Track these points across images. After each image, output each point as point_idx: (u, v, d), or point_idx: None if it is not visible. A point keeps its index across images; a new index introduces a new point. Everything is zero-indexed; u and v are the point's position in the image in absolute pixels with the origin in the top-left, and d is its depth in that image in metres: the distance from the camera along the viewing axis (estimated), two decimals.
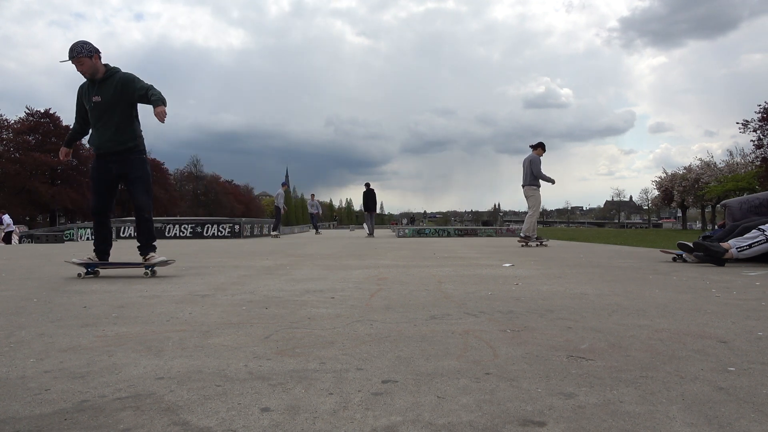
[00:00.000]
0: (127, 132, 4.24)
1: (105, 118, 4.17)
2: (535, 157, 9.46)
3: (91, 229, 17.93)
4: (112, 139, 4.20)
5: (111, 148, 4.22)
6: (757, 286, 3.42)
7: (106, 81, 4.15)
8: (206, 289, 3.32)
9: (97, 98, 4.14)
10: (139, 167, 4.31)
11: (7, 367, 1.55)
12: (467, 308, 2.55)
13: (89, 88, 4.20)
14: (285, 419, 1.13)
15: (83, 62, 4.05)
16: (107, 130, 4.18)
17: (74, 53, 4.03)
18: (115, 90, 4.14)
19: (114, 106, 4.15)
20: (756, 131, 32.98)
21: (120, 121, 4.19)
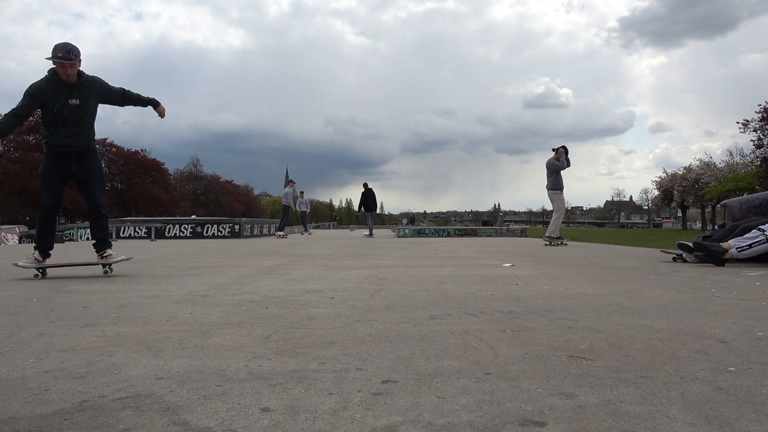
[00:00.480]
0: (92, 133, 4.38)
1: (79, 120, 4.21)
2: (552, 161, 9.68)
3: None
4: (83, 139, 4.28)
5: (79, 148, 4.28)
6: (757, 286, 3.42)
7: (82, 85, 4.18)
8: (206, 289, 3.32)
9: (75, 101, 4.15)
10: (97, 165, 4.45)
11: (7, 367, 1.55)
12: (467, 308, 2.55)
13: (59, 91, 4.09)
14: (285, 419, 1.13)
15: (75, 66, 4.08)
16: (79, 130, 4.24)
17: (73, 56, 4.02)
18: (92, 93, 4.24)
19: (88, 109, 4.25)
20: (756, 131, 32.97)
21: (90, 122, 4.31)
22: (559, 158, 9.57)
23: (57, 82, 4.09)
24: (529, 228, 23.23)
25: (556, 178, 9.60)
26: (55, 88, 4.11)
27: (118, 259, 4.38)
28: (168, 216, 46.41)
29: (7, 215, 41.72)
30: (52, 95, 4.11)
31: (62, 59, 3.96)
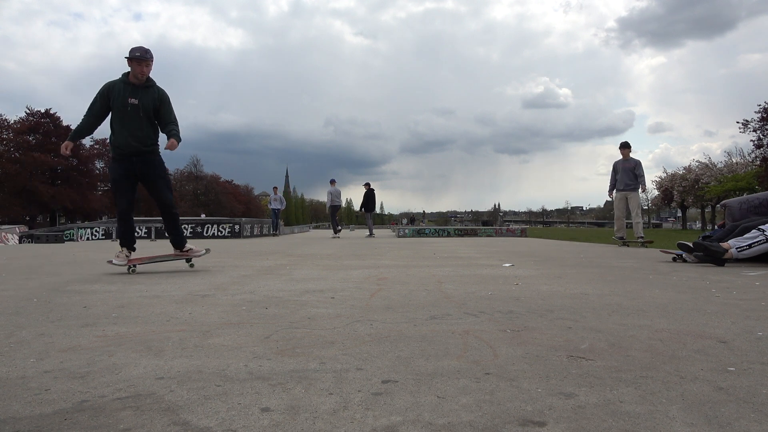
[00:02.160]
0: (153, 136, 4.53)
1: (137, 121, 4.38)
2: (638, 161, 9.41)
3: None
4: (142, 141, 4.44)
5: (138, 149, 4.43)
6: (757, 286, 3.42)
7: (148, 89, 4.42)
8: (206, 289, 3.32)
9: (134, 101, 4.34)
10: (159, 167, 4.59)
11: (7, 367, 1.55)
12: (467, 308, 2.55)
13: (125, 89, 4.35)
14: (285, 419, 1.13)
15: (149, 65, 4.37)
16: (138, 132, 4.40)
17: (149, 55, 4.34)
18: (154, 100, 4.44)
19: (148, 113, 4.42)
20: (756, 131, 32.97)
21: (149, 126, 4.47)
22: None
23: (125, 81, 4.37)
24: (529, 228, 23.22)
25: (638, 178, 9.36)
26: (122, 87, 4.37)
27: (200, 254, 4.71)
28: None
29: (7, 215, 41.70)
30: (117, 94, 4.36)
31: (140, 57, 4.27)
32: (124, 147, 4.42)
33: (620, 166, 9.42)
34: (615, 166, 9.55)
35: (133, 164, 4.46)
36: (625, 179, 9.32)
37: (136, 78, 4.35)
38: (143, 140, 4.44)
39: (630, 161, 9.39)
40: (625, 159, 9.42)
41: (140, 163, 4.47)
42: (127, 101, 4.33)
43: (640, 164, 9.39)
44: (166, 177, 4.66)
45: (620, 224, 9.61)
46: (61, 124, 48.79)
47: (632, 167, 9.33)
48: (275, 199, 19.31)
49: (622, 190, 9.37)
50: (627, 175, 9.32)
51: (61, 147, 4.54)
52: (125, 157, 4.45)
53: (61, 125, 48.70)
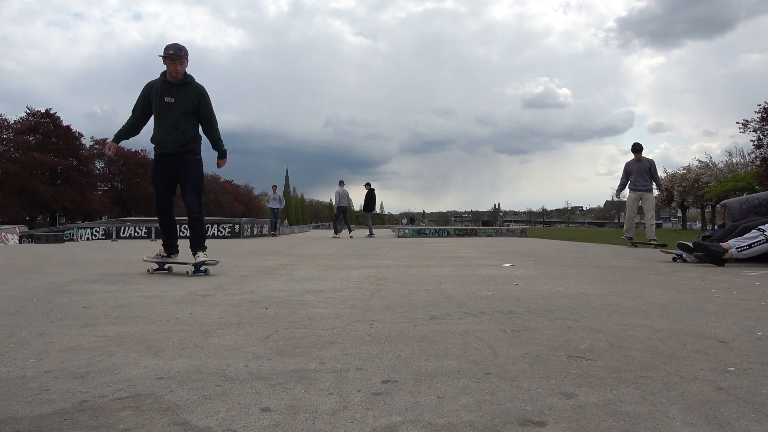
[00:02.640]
0: (190, 136, 4.38)
1: (173, 120, 4.29)
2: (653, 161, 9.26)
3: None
4: (175, 140, 4.33)
5: (172, 149, 4.34)
6: (757, 286, 3.42)
7: (184, 86, 4.31)
8: (206, 289, 3.32)
9: (170, 99, 4.27)
10: (191, 169, 4.41)
11: (7, 367, 1.55)
12: (467, 308, 2.55)
13: (162, 88, 4.29)
14: (285, 419, 1.13)
15: (183, 63, 4.25)
16: (173, 131, 4.31)
17: (182, 53, 4.22)
18: (191, 98, 4.31)
19: (185, 111, 4.31)
20: (756, 131, 32.97)
21: (186, 125, 4.34)
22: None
23: (163, 80, 4.31)
24: (529, 228, 23.23)
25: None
26: (160, 86, 4.31)
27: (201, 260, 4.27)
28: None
29: (7, 215, 41.69)
30: (155, 92, 4.31)
31: (173, 55, 4.16)
32: (160, 146, 4.37)
33: (634, 167, 9.19)
34: (627, 167, 9.29)
35: (167, 164, 4.38)
36: (640, 180, 9.09)
37: (171, 76, 4.27)
38: (177, 140, 4.33)
39: (644, 161, 9.16)
40: (638, 159, 9.21)
41: (174, 163, 4.38)
42: (164, 100, 4.27)
43: (655, 165, 9.19)
44: (197, 180, 4.46)
45: (630, 224, 9.33)
46: (61, 124, 48.78)
47: (647, 168, 9.10)
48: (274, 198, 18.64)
49: (637, 190, 9.13)
50: (642, 175, 9.09)
51: (105, 148, 4.46)
52: (161, 156, 4.39)
53: (61, 125, 48.69)
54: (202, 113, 4.39)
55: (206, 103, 4.40)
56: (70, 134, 49.35)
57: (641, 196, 9.12)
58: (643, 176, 9.09)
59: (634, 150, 9.26)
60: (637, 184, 9.12)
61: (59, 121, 48.87)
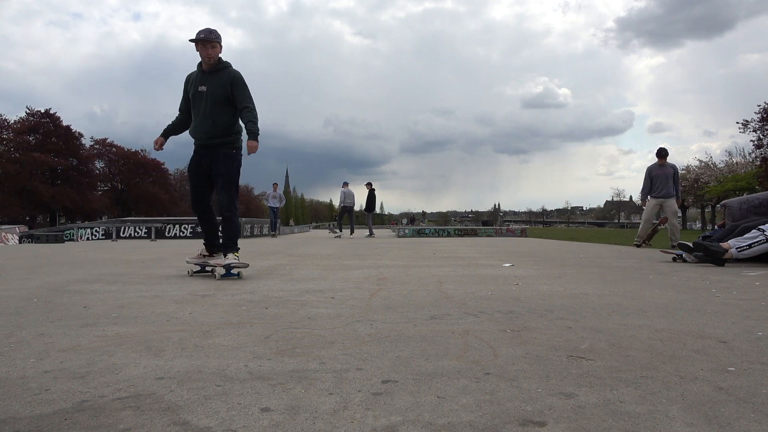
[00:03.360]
0: (223, 127, 4.07)
1: (206, 110, 4.04)
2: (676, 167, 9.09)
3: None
4: (208, 132, 4.06)
5: (205, 141, 4.10)
6: (757, 286, 3.42)
7: (217, 73, 4.05)
8: (206, 289, 3.32)
9: (203, 88, 4.04)
10: (223, 163, 4.10)
11: (7, 367, 1.55)
12: (467, 308, 2.55)
13: (197, 78, 4.10)
14: (285, 419, 1.13)
15: (216, 47, 3.98)
16: (206, 122, 4.05)
17: (214, 36, 3.96)
18: (224, 84, 4.02)
19: (217, 100, 4.02)
20: (756, 131, 32.99)
21: (218, 115, 4.04)
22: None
23: (199, 69, 4.10)
24: (529, 228, 23.23)
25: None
26: (196, 76, 4.12)
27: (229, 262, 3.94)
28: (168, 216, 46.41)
29: (7, 215, 41.70)
30: (191, 83, 4.13)
31: (203, 39, 3.92)
32: (194, 138, 4.16)
33: (657, 172, 8.98)
34: (650, 171, 9.10)
35: (202, 157, 4.14)
36: (663, 186, 8.90)
37: (205, 62, 4.02)
38: (210, 131, 4.04)
39: (667, 167, 8.90)
40: (662, 164, 9.01)
41: (207, 156, 4.11)
42: (197, 89, 4.05)
43: (678, 172, 9.03)
44: (229, 176, 4.11)
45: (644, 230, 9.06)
46: (61, 124, 48.80)
47: (671, 173, 8.92)
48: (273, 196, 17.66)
49: (658, 197, 8.93)
50: (665, 181, 8.90)
51: (154, 144, 4.28)
52: (196, 149, 4.18)
53: (61, 125, 48.71)
54: (236, 98, 4.02)
55: (240, 86, 4.03)
56: (70, 134, 49.38)
57: (662, 204, 8.92)
58: (667, 182, 8.89)
59: (659, 155, 9.06)
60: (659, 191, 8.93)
61: (59, 121, 48.89)
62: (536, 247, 9.52)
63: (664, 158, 9.02)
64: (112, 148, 57.02)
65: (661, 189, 8.91)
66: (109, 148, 56.80)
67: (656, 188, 8.98)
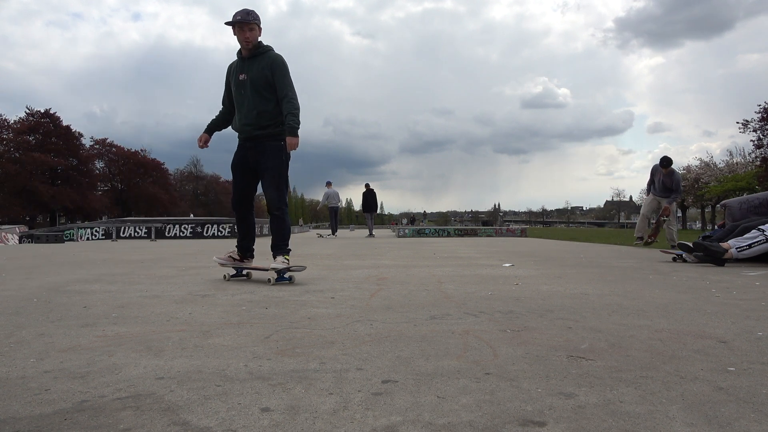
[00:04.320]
0: (269, 116, 3.73)
1: (249, 100, 3.72)
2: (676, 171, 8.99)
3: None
4: (253, 123, 3.74)
5: (249, 132, 3.77)
6: (757, 286, 3.42)
7: (257, 58, 3.72)
8: (206, 289, 3.32)
9: (243, 76, 3.74)
10: (271, 156, 3.76)
11: (7, 367, 1.55)
12: (467, 308, 2.55)
13: (237, 65, 3.80)
14: (285, 419, 1.13)
15: (254, 29, 3.67)
16: (250, 113, 3.73)
17: (251, 17, 3.64)
18: (263, 70, 3.69)
19: (259, 88, 3.70)
20: (756, 131, 33.00)
21: (263, 103, 3.71)
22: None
23: (239, 56, 3.80)
24: (529, 228, 23.24)
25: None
26: (236, 64, 3.82)
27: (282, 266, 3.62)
28: (168, 216, 46.42)
29: (7, 215, 41.70)
30: (232, 72, 3.84)
31: (240, 21, 3.61)
32: (239, 131, 3.85)
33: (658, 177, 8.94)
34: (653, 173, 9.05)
35: (247, 150, 3.81)
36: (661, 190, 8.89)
37: (243, 47, 3.72)
38: (254, 121, 3.71)
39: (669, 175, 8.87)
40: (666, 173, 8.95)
41: (253, 150, 3.78)
42: (238, 78, 3.74)
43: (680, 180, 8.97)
44: (278, 169, 3.77)
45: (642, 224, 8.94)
46: (61, 124, 48.83)
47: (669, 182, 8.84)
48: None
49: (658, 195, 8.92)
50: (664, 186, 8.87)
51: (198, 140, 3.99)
52: (241, 142, 3.87)
53: (61, 125, 48.74)
54: (277, 86, 3.69)
55: (281, 72, 3.69)
56: (70, 134, 49.41)
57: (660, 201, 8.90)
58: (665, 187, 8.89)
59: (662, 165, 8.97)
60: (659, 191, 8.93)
61: (59, 121, 48.91)
62: (536, 247, 9.52)
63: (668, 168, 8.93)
64: (112, 148, 57.07)
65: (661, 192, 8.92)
66: (109, 148, 56.85)
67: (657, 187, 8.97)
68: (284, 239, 3.80)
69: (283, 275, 3.64)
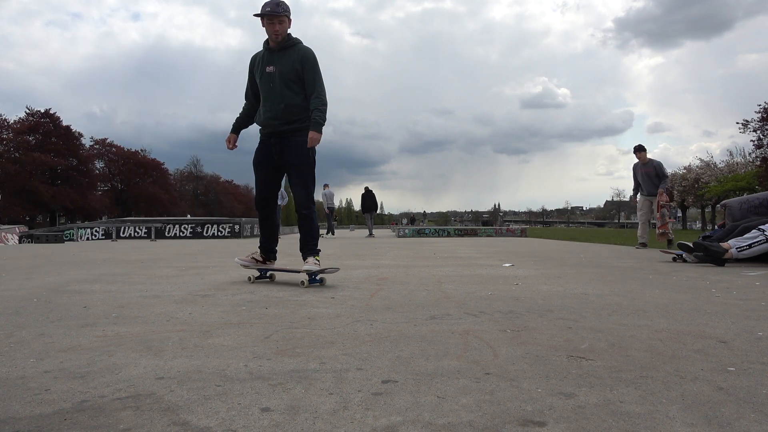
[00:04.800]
0: (297, 111, 3.59)
1: (276, 93, 3.57)
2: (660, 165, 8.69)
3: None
4: (280, 117, 3.58)
5: (276, 127, 3.61)
6: (757, 286, 3.42)
7: (286, 50, 3.57)
8: (206, 289, 3.32)
9: (271, 68, 3.57)
10: (298, 153, 3.61)
11: (7, 367, 1.55)
12: (467, 308, 2.55)
13: (263, 57, 3.64)
14: (285, 419, 1.12)
15: (284, 21, 3.51)
16: (276, 106, 3.57)
17: (281, 9, 3.47)
18: (293, 63, 3.55)
19: (288, 81, 3.56)
20: (756, 131, 33.00)
21: (292, 97, 3.57)
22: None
23: (266, 48, 3.64)
24: (529, 228, 23.24)
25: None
26: (262, 55, 3.66)
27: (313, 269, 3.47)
28: (168, 216, 46.42)
29: (7, 215, 41.69)
30: (257, 64, 3.67)
31: (270, 13, 3.44)
32: (263, 125, 3.68)
33: (640, 171, 8.74)
34: (635, 170, 8.84)
35: (271, 146, 3.65)
36: (647, 186, 8.65)
37: (272, 40, 3.56)
38: (282, 116, 3.56)
39: (649, 165, 8.66)
40: (644, 163, 8.70)
41: (279, 146, 3.62)
42: (265, 71, 3.58)
43: (661, 166, 8.68)
44: (306, 166, 3.63)
45: (644, 230, 8.71)
46: (61, 124, 48.83)
47: (653, 173, 8.62)
48: None
49: (647, 196, 8.68)
50: (649, 181, 8.63)
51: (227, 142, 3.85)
52: (264, 138, 3.71)
53: (61, 125, 48.74)
54: (306, 80, 3.57)
55: (311, 67, 3.57)
56: (70, 134, 49.41)
57: (651, 200, 8.66)
58: (651, 181, 8.63)
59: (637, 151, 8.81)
60: (645, 189, 8.70)
61: (59, 121, 48.92)
62: (536, 247, 9.52)
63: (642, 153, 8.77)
64: (111, 148, 57.07)
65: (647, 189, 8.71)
66: (109, 148, 56.86)
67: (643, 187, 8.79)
68: (314, 239, 3.67)
69: (315, 277, 3.51)
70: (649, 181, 8.65)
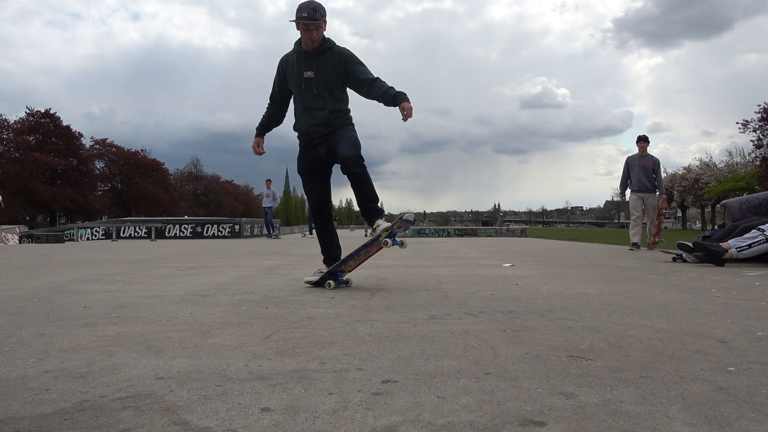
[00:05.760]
0: (339, 115, 3.49)
1: (317, 99, 3.43)
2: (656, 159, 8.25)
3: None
4: (325, 122, 3.45)
5: (321, 132, 3.47)
6: (757, 286, 3.42)
7: (323, 54, 3.41)
8: (206, 289, 3.32)
9: (310, 73, 3.41)
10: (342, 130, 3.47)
11: (7, 367, 1.55)
12: (467, 308, 2.55)
13: (298, 61, 3.44)
14: (285, 419, 1.12)
15: (321, 27, 3.33)
16: (320, 112, 3.44)
17: (318, 14, 3.27)
18: (335, 66, 3.41)
19: (330, 85, 3.42)
20: (756, 131, 33.02)
21: (335, 102, 3.47)
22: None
23: (299, 51, 3.45)
24: (529, 228, 23.24)
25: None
26: (296, 60, 3.46)
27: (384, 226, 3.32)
28: (168, 216, 46.42)
29: (7, 215, 41.67)
30: (292, 69, 3.48)
31: (307, 19, 3.24)
32: (307, 133, 3.51)
33: (636, 163, 8.20)
34: (629, 162, 8.32)
35: (317, 147, 3.51)
36: (642, 179, 8.15)
37: (307, 45, 3.37)
38: (327, 121, 3.44)
39: (647, 158, 8.23)
40: (642, 155, 8.25)
41: (324, 145, 3.48)
42: (303, 76, 3.41)
43: (659, 164, 8.32)
44: (347, 135, 3.43)
45: (637, 229, 8.26)
46: (61, 124, 48.79)
47: (650, 167, 8.16)
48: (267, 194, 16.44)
49: (638, 191, 8.21)
50: (645, 173, 8.14)
51: (253, 146, 3.73)
52: (309, 143, 3.53)
53: (61, 125, 48.71)
54: (359, 77, 3.42)
55: (357, 63, 3.45)
56: (70, 134, 49.39)
57: (644, 198, 8.26)
58: (647, 174, 8.21)
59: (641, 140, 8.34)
60: (638, 184, 8.24)
61: (59, 121, 48.88)
62: (536, 247, 9.52)
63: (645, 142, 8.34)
64: (112, 148, 57.04)
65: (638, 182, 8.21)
66: (109, 148, 56.83)
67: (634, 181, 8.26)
68: (374, 200, 3.46)
69: (395, 237, 3.33)
70: (644, 175, 8.24)
